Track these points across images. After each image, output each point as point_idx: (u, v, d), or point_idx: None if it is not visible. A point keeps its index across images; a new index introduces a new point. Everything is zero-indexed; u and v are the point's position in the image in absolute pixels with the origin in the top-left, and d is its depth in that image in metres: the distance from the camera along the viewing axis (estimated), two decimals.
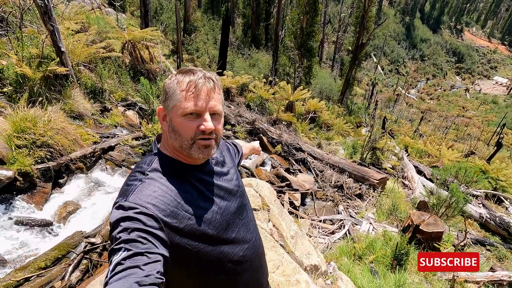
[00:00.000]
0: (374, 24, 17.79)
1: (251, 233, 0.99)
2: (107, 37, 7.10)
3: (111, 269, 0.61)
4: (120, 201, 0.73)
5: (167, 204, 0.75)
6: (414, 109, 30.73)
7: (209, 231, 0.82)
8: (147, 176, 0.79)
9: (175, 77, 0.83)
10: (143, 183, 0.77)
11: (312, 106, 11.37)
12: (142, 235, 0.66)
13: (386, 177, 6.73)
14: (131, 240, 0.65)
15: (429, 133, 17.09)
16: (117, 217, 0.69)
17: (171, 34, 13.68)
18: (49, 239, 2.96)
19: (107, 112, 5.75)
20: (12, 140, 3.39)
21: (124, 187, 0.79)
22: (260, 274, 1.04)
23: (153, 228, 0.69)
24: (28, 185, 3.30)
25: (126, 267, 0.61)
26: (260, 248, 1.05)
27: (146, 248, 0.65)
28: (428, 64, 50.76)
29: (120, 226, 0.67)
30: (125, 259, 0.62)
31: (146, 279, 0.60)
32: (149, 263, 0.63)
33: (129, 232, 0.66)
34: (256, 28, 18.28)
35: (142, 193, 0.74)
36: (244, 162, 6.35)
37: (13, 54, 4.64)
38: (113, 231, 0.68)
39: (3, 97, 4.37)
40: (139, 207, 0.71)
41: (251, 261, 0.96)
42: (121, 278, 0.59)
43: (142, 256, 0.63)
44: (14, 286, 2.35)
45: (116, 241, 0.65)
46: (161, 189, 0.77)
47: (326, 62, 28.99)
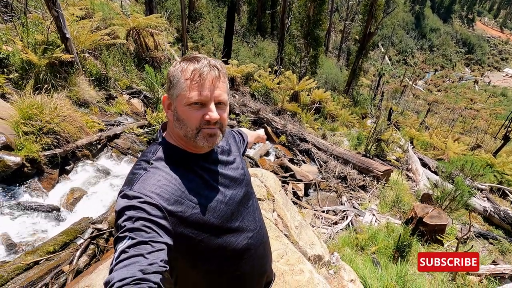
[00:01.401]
0: (383, 13, 17.34)
1: (255, 221, 0.99)
2: (111, 24, 7.03)
3: (115, 256, 0.63)
4: (125, 190, 0.74)
5: (171, 193, 0.75)
6: (421, 101, 30.32)
7: (214, 220, 0.82)
8: (152, 165, 0.79)
9: (179, 64, 0.81)
10: (148, 172, 0.77)
11: (317, 96, 11.26)
12: (146, 224, 0.67)
13: (391, 169, 6.70)
14: (136, 229, 0.66)
15: (436, 125, 16.89)
16: (122, 206, 0.70)
17: (175, 21, 13.50)
18: (57, 224, 3.03)
19: (112, 100, 5.76)
20: (19, 127, 3.41)
21: (129, 175, 0.80)
22: (264, 262, 1.05)
23: (157, 217, 0.70)
24: (35, 171, 3.35)
25: (131, 255, 0.62)
26: (265, 237, 1.06)
27: (150, 237, 0.66)
28: (437, 55, 49.71)
29: (125, 214, 0.68)
30: (130, 248, 0.63)
31: (150, 267, 0.61)
32: (153, 252, 0.64)
33: (133, 221, 0.67)
34: (262, 16, 17.94)
35: (147, 182, 0.74)
36: (248, 152, 6.36)
37: (18, 40, 4.62)
38: (118, 219, 0.69)
39: (10, 84, 4.38)
40: (143, 196, 0.71)
41: (256, 250, 0.96)
42: (126, 266, 0.60)
43: (146, 245, 0.64)
44: (24, 269, 2.41)
45: (121, 229, 0.66)
46: (165, 178, 0.77)
47: (332, 52, 28.50)
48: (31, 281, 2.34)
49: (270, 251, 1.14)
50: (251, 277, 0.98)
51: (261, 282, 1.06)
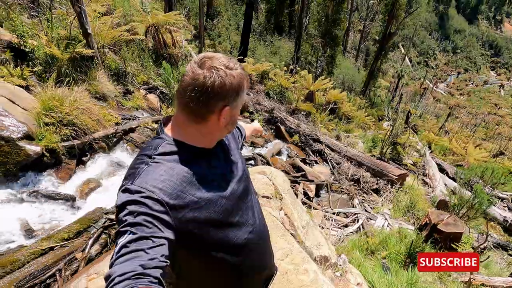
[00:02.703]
0: (404, 13, 16.86)
1: (255, 216, 0.99)
2: (131, 20, 7.19)
3: (116, 250, 0.63)
4: (126, 184, 0.74)
5: (173, 187, 0.75)
6: (442, 104, 29.30)
7: (215, 215, 0.82)
8: (154, 160, 0.79)
9: (236, 72, 0.80)
10: (150, 166, 0.77)
11: (333, 96, 11.11)
12: (148, 219, 0.67)
13: (406, 173, 6.53)
14: (137, 223, 0.66)
15: (456, 130, 16.28)
16: (124, 200, 0.70)
17: (194, 18, 13.65)
18: (72, 213, 3.14)
19: (129, 95, 5.90)
20: (40, 118, 3.56)
21: (130, 170, 0.80)
22: (264, 257, 1.05)
23: (158, 212, 0.69)
24: (54, 161, 3.48)
25: (132, 250, 0.62)
26: (265, 231, 1.06)
27: (151, 232, 0.66)
28: (460, 57, 47.83)
29: (127, 209, 0.68)
30: (131, 242, 0.63)
31: (150, 262, 0.61)
32: (153, 247, 0.64)
33: (135, 215, 0.67)
34: (280, 15, 17.84)
35: (149, 176, 0.74)
36: (260, 150, 6.36)
37: (43, 35, 4.80)
38: (119, 214, 0.69)
39: (34, 76, 4.57)
40: (145, 191, 0.71)
41: (256, 244, 0.97)
42: (126, 260, 0.60)
43: (147, 240, 0.64)
44: (40, 254, 2.52)
45: (122, 224, 0.66)
46: (167, 172, 0.77)
47: (350, 52, 27.99)
48: (45, 265, 2.44)
49: (270, 246, 1.14)
50: (250, 272, 0.98)
51: (261, 277, 1.06)
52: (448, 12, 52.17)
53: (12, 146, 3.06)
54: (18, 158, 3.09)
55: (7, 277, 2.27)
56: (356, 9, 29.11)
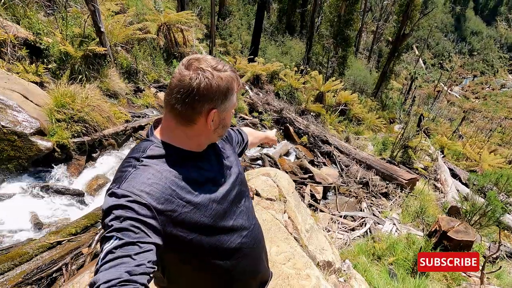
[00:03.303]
0: (419, 14, 16.51)
1: (249, 220, 0.97)
2: (144, 19, 7.29)
3: (101, 257, 0.61)
4: (113, 188, 0.72)
5: (161, 191, 0.73)
6: (456, 108, 28.57)
7: (205, 219, 0.80)
8: (142, 163, 0.76)
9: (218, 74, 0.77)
10: (137, 170, 0.75)
11: (344, 98, 10.98)
12: (135, 224, 0.65)
13: (416, 178, 6.39)
14: (123, 228, 0.64)
15: (470, 134, 15.84)
16: (110, 205, 0.68)
17: (206, 18, 13.72)
18: (80, 208, 3.20)
19: (140, 93, 5.97)
20: (53, 114, 3.64)
21: (118, 173, 0.77)
22: (258, 262, 1.03)
23: (145, 217, 0.67)
24: (64, 157, 3.56)
25: (117, 256, 0.60)
26: (259, 235, 1.04)
27: (138, 238, 0.64)
28: (477, 60, 46.49)
29: (113, 214, 0.66)
30: (116, 248, 0.61)
31: (137, 268, 0.60)
32: (140, 253, 0.62)
33: (121, 220, 0.65)
34: (292, 15, 17.75)
35: (136, 180, 0.72)
36: (268, 151, 6.34)
37: (58, 32, 4.91)
38: (105, 218, 0.67)
39: (48, 73, 4.68)
40: (132, 195, 0.69)
41: (249, 249, 0.95)
42: (112, 267, 0.59)
43: (133, 246, 0.63)
44: (47, 248, 2.57)
45: (108, 229, 0.64)
46: (155, 176, 0.75)
47: (362, 53, 27.61)
48: (53, 259, 2.49)
49: (265, 251, 1.11)
50: (243, 276, 0.96)
51: (255, 282, 1.04)
52: (465, 13, 50.76)
53: (25, 141, 3.14)
54: (30, 153, 3.17)
55: (15, 270, 2.33)
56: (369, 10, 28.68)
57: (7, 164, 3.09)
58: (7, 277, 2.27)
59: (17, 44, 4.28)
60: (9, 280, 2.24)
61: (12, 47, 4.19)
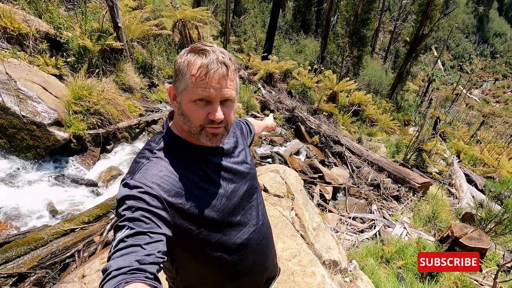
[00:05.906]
0: (439, 14, 16.02)
1: (258, 216, 0.97)
2: (160, 15, 7.39)
3: (114, 245, 0.63)
4: (126, 178, 0.74)
5: (173, 184, 0.74)
6: (475, 112, 27.59)
7: (214, 214, 0.81)
8: (155, 155, 0.78)
9: (186, 56, 0.75)
10: (150, 162, 0.76)
11: (357, 98, 10.83)
12: (146, 215, 0.67)
13: (430, 182, 6.24)
14: (135, 218, 0.66)
15: (489, 139, 15.30)
16: (123, 195, 0.70)
17: (221, 15, 13.78)
18: (93, 198, 3.29)
19: (154, 88, 6.07)
20: (70, 106, 3.75)
21: (132, 164, 0.80)
22: (266, 258, 1.03)
23: (156, 208, 0.69)
24: (80, 147, 3.67)
25: (129, 245, 0.62)
26: (268, 231, 1.03)
27: (148, 228, 0.66)
28: (499, 62, 44.73)
29: (125, 204, 0.68)
30: (128, 237, 0.63)
31: (147, 257, 0.61)
32: (150, 243, 0.64)
33: (133, 210, 0.67)
34: (307, 13, 17.59)
35: (148, 172, 0.74)
36: (279, 149, 6.33)
37: (77, 27, 5.05)
38: (119, 208, 0.69)
39: (67, 66, 4.82)
40: (144, 186, 0.71)
41: (257, 245, 0.95)
42: (123, 255, 0.61)
43: (144, 235, 0.64)
44: (61, 234, 2.66)
45: (120, 218, 0.67)
46: (167, 169, 0.76)
47: (379, 53, 27.07)
48: (66, 246, 2.57)
49: (273, 247, 1.11)
50: (250, 271, 0.96)
51: (262, 278, 1.05)
52: (488, 14, 48.95)
53: (43, 131, 3.26)
54: (47, 143, 3.28)
55: (31, 254, 2.42)
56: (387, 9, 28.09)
57: (26, 152, 3.21)
58: (23, 260, 2.37)
59: (39, 38, 4.42)
60: (25, 263, 2.34)
61: (34, 40, 4.34)
